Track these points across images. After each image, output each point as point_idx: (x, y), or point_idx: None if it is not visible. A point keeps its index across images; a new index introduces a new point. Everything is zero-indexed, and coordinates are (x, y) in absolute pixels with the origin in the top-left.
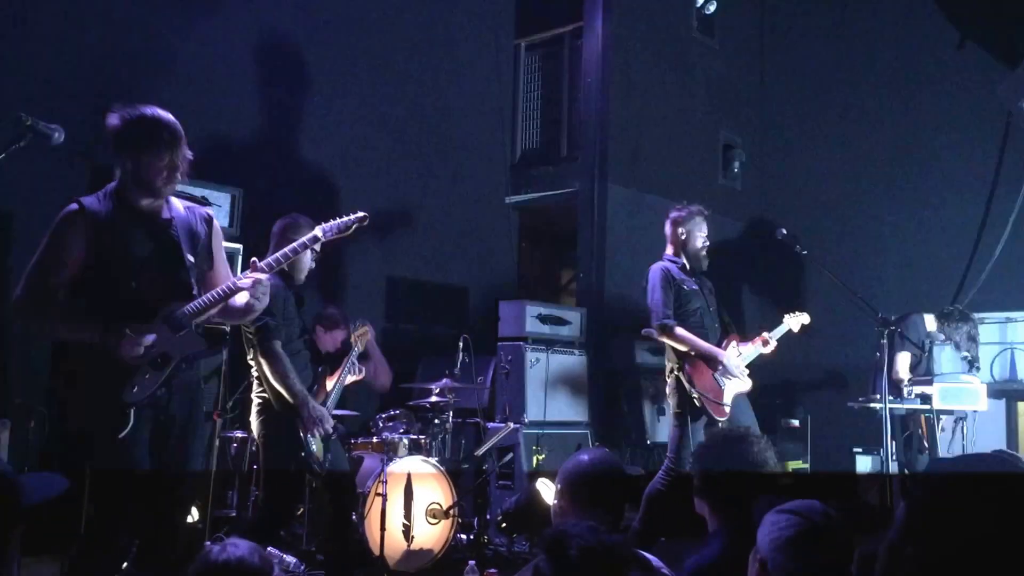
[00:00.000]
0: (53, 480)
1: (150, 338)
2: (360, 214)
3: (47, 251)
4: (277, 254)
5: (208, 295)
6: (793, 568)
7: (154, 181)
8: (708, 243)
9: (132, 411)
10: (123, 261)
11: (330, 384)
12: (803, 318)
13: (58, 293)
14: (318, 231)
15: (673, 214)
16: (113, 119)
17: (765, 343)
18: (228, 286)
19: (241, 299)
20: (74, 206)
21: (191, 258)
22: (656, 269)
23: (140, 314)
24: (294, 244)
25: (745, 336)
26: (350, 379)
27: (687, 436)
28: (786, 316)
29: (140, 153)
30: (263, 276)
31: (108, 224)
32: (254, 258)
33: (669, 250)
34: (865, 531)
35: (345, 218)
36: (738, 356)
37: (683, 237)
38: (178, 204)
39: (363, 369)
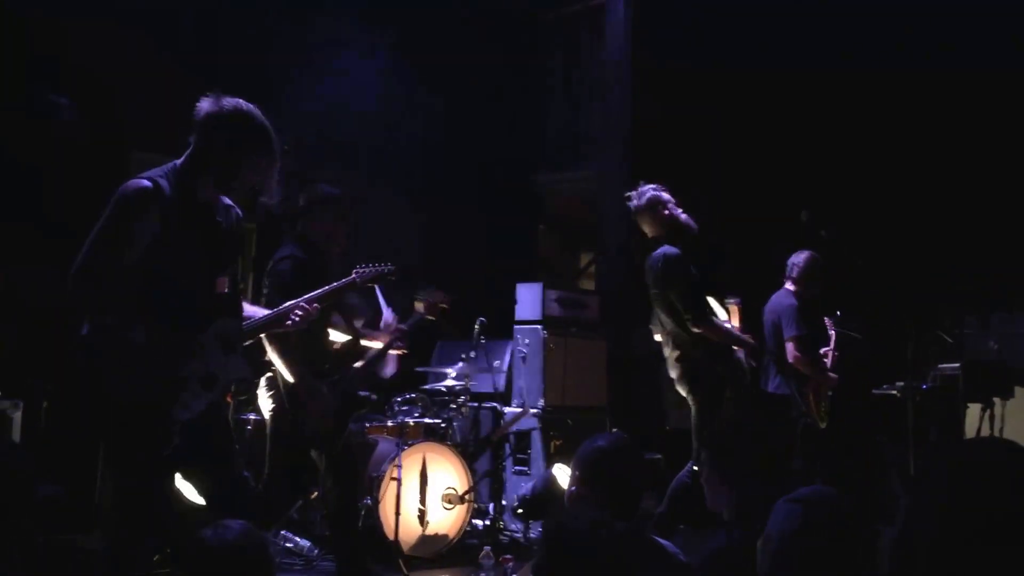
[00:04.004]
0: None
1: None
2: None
3: (117, 227)
4: (330, 287)
5: (260, 319)
6: (803, 556)
7: (237, 185)
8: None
9: (176, 427)
10: (179, 259)
11: (370, 343)
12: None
13: (118, 276)
14: (355, 276)
15: (653, 194)
16: (226, 104)
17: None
18: (280, 312)
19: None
20: (148, 184)
21: (236, 267)
22: (676, 253)
23: (188, 320)
24: (335, 285)
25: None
26: (394, 352)
27: (707, 422)
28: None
29: (247, 153)
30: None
31: (174, 213)
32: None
33: (660, 233)
34: None
35: (378, 267)
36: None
37: (670, 217)
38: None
39: (405, 348)
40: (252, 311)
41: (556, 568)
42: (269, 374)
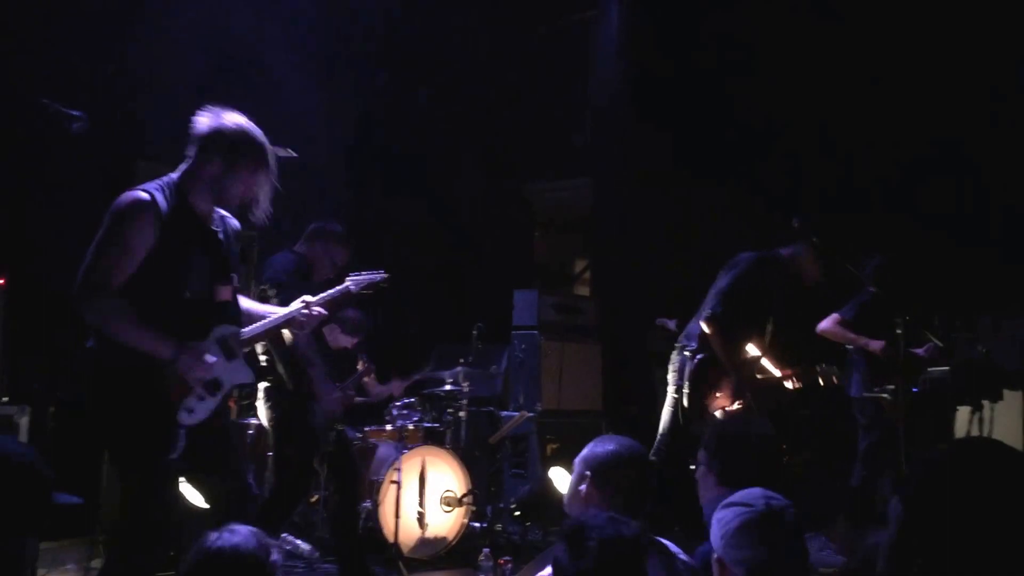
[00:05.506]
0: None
1: (211, 359)
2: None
3: (117, 239)
4: (325, 295)
5: (261, 325)
6: (747, 557)
7: (233, 200)
8: None
9: (183, 432)
10: (178, 269)
11: (372, 389)
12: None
13: (119, 287)
14: (348, 284)
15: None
16: (227, 120)
17: (789, 379)
18: (282, 318)
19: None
20: (146, 196)
21: (235, 276)
22: (752, 258)
23: (189, 329)
24: (330, 293)
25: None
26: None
27: (678, 424)
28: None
29: (245, 170)
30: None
31: (171, 224)
32: (308, 297)
33: (788, 251)
34: None
35: (371, 275)
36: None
37: (809, 261)
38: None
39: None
40: (260, 311)
41: (575, 568)
42: (267, 384)
